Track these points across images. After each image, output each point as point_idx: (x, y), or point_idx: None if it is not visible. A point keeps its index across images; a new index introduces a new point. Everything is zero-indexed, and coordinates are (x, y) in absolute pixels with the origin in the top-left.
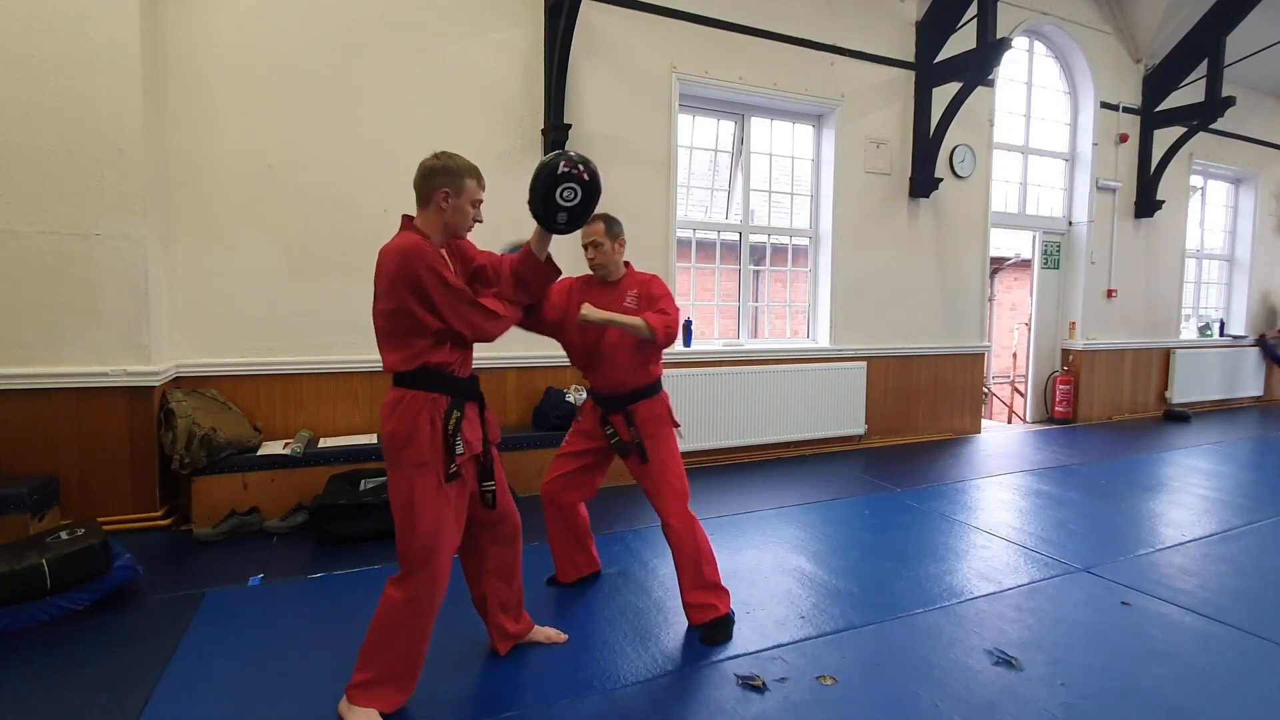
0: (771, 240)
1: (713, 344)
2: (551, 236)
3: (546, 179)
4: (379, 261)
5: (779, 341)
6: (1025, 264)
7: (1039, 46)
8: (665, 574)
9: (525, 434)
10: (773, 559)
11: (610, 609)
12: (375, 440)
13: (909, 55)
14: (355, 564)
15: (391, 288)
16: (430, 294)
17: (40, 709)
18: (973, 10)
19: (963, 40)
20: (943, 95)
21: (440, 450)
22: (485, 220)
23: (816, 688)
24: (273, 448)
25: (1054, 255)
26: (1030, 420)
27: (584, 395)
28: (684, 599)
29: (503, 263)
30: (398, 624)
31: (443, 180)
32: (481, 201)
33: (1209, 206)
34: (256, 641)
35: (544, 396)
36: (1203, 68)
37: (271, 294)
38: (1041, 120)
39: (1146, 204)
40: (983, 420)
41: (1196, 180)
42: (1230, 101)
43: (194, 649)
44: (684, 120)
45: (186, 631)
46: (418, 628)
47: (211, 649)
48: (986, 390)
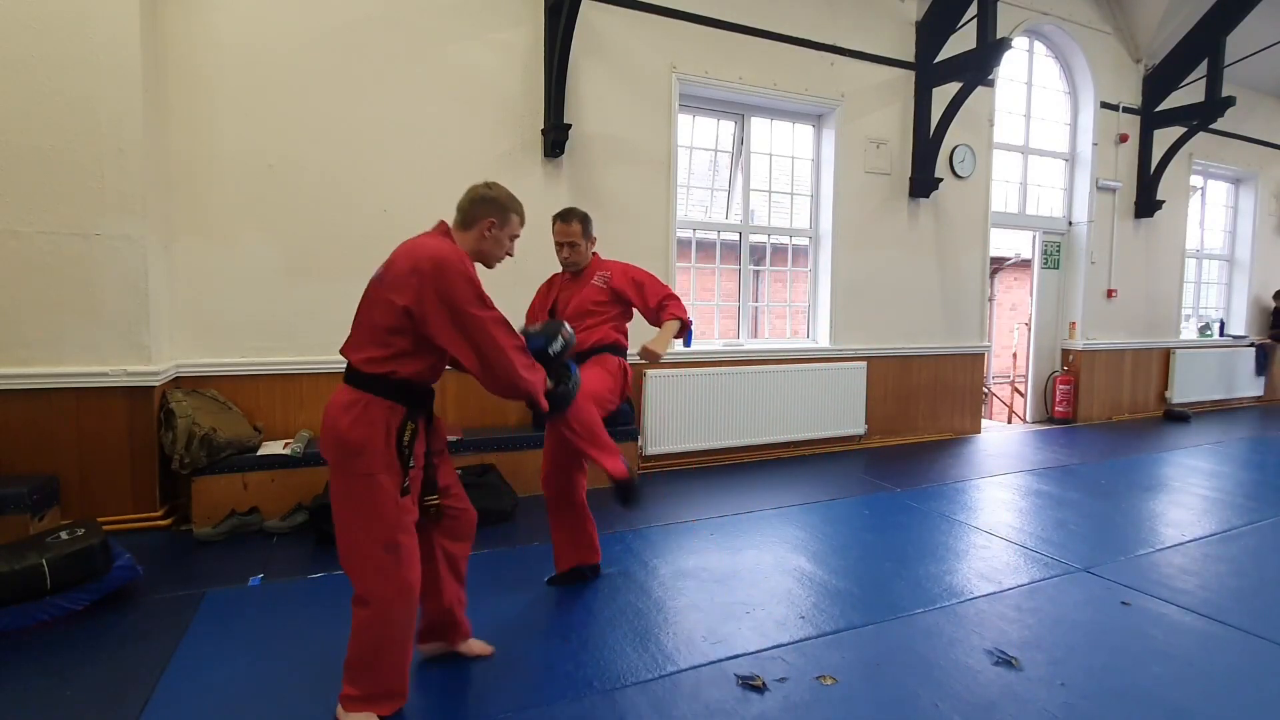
0: (771, 240)
1: (713, 344)
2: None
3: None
4: (410, 255)
5: (779, 341)
6: (1025, 264)
7: (1039, 46)
8: (665, 574)
9: (525, 434)
10: (773, 559)
11: (610, 609)
12: None
13: (909, 55)
14: None
15: (418, 284)
16: (463, 311)
17: (40, 709)
18: (973, 10)
19: (963, 40)
20: (943, 95)
21: (393, 460)
22: None
23: (816, 688)
24: (273, 448)
25: (1054, 255)
26: (1030, 420)
27: None
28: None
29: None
30: (375, 642)
31: (491, 211)
32: (518, 237)
33: (1209, 206)
34: (256, 641)
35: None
36: (1203, 68)
37: (272, 294)
38: (1041, 120)
39: (1146, 204)
40: (983, 420)
41: (1196, 180)
42: (1230, 101)
43: (194, 649)
44: (684, 120)
45: (186, 631)
46: (396, 639)
47: (211, 649)
48: (986, 390)
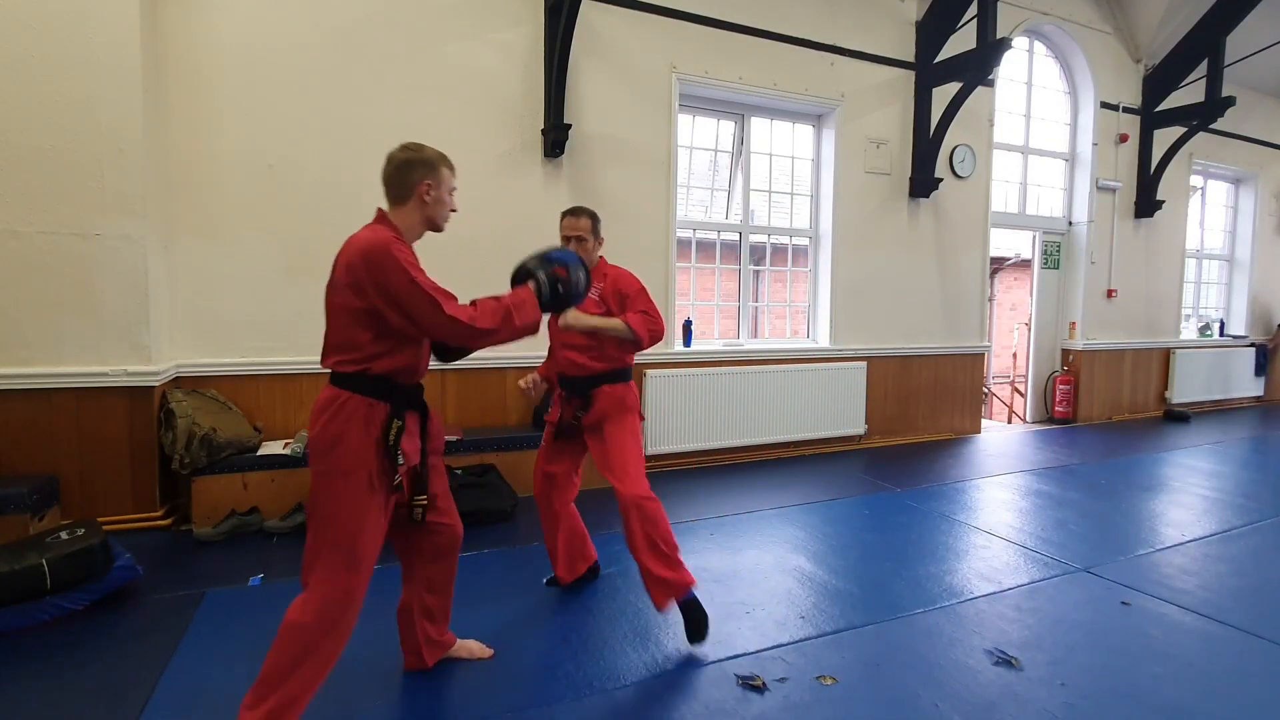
0: (771, 240)
1: (713, 344)
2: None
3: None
4: (344, 254)
5: (779, 341)
6: (1025, 264)
7: (1039, 46)
8: None
9: (525, 434)
10: (773, 559)
11: (610, 609)
12: None
13: (909, 55)
14: None
15: (357, 284)
16: (401, 296)
17: (40, 709)
18: (973, 10)
19: (963, 40)
20: (943, 95)
21: (370, 459)
22: (486, 220)
23: (816, 688)
24: (273, 448)
25: (1054, 255)
26: (1030, 420)
27: None
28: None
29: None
30: (303, 652)
31: (422, 172)
32: (455, 189)
33: (1209, 206)
34: (256, 641)
35: (544, 396)
36: (1203, 68)
37: (272, 294)
38: (1041, 120)
39: (1146, 204)
40: (983, 420)
41: (1196, 180)
42: (1230, 101)
43: (194, 649)
44: (684, 120)
45: (186, 631)
46: (324, 655)
47: (211, 649)
48: (986, 390)
